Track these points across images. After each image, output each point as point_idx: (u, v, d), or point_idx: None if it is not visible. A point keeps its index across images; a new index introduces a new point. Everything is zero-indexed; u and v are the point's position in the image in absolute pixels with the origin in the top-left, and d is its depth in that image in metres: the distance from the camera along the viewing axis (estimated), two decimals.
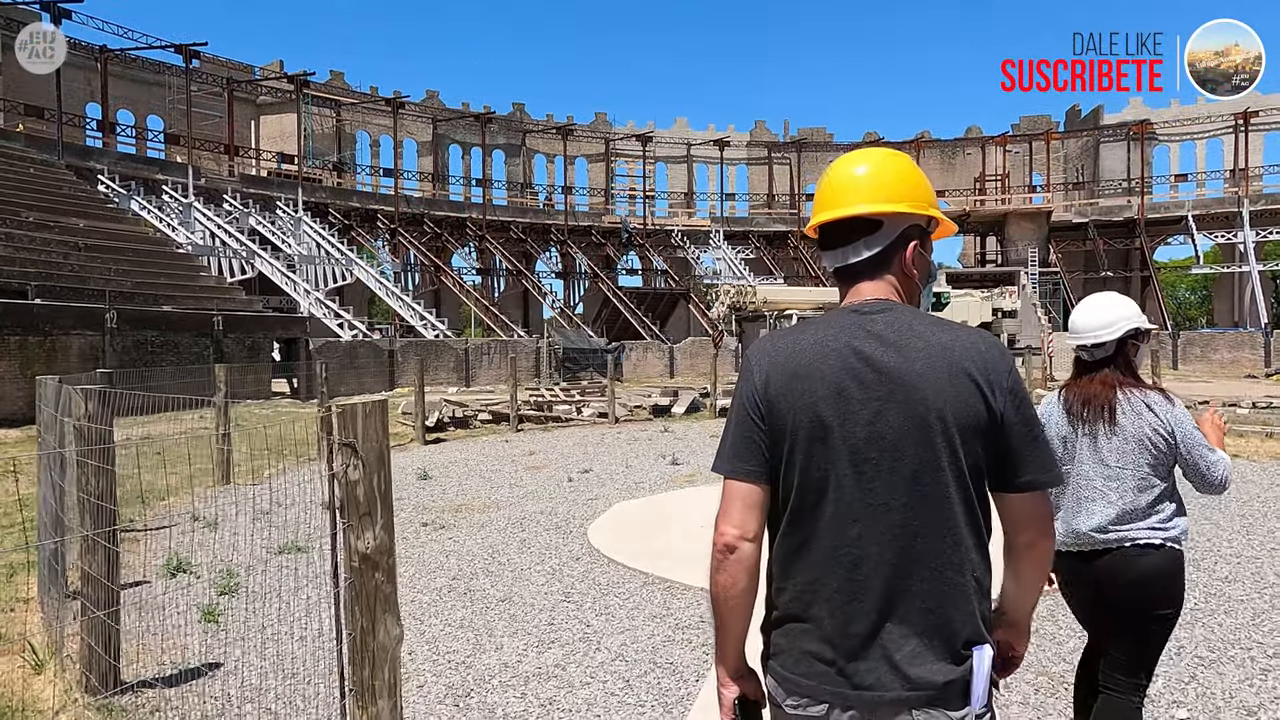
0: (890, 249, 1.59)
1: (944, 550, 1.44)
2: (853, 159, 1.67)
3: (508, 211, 51.71)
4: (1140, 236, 47.93)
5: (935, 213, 1.64)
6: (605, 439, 14.35)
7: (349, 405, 2.24)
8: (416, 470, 10.72)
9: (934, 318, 1.58)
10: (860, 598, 1.45)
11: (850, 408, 1.46)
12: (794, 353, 1.53)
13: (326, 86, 49.07)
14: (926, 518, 1.44)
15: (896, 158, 1.66)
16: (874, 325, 1.52)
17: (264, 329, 26.36)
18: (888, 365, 1.47)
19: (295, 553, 6.64)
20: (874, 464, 1.45)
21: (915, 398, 1.44)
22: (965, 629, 1.45)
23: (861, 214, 1.59)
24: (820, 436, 1.47)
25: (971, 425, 1.44)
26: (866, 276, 1.60)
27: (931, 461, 1.44)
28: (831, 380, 1.48)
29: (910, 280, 1.61)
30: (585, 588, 5.66)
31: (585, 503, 8.70)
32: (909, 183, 1.61)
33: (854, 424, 1.46)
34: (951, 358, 1.46)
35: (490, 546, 6.90)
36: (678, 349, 39.10)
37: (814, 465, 1.48)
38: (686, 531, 7.02)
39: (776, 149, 57.98)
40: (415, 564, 6.34)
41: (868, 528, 1.45)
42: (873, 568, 1.44)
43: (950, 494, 1.44)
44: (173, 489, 9.62)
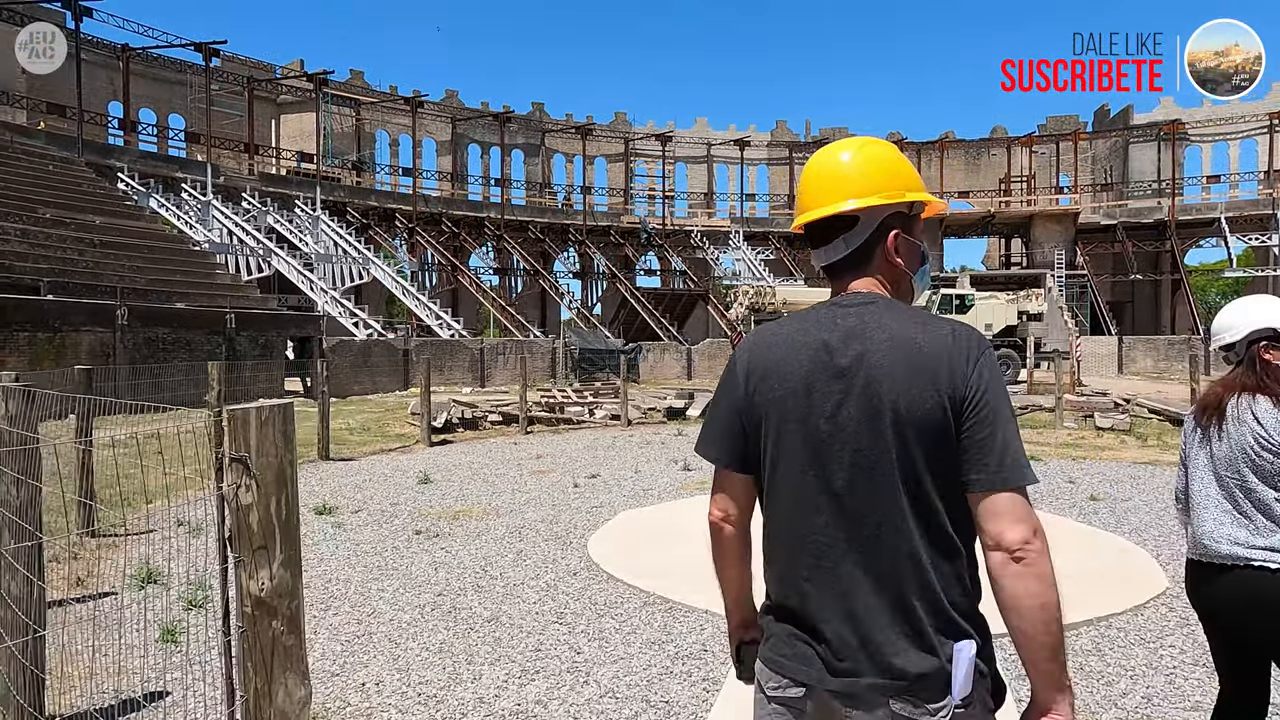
0: (870, 242, 1.59)
1: (901, 543, 1.45)
2: (824, 155, 1.66)
3: (526, 211, 51.44)
4: (1171, 239, 46.80)
5: (916, 196, 1.61)
6: (616, 442, 13.91)
7: (241, 409, 1.80)
8: (418, 473, 10.33)
9: (914, 311, 1.56)
10: (830, 585, 1.48)
11: (815, 400, 1.50)
12: (771, 346, 1.58)
13: (346, 86, 49.06)
14: (886, 509, 1.45)
15: (867, 146, 1.63)
16: (846, 319, 1.54)
17: (277, 327, 26.17)
18: (850, 358, 1.49)
19: None
20: (836, 455, 1.48)
21: (872, 390, 1.46)
22: (936, 620, 1.43)
23: (833, 214, 1.58)
24: (789, 429, 1.52)
25: (923, 419, 1.44)
26: (851, 272, 1.61)
27: (884, 454, 1.45)
28: (800, 374, 1.52)
29: (896, 269, 1.61)
30: (580, 607, 5.20)
31: (589, 511, 8.25)
32: (882, 172, 1.59)
33: (818, 416, 1.50)
34: (912, 350, 1.47)
35: (484, 558, 6.47)
36: (696, 350, 38.59)
37: (784, 456, 1.53)
38: (693, 545, 6.54)
39: (798, 149, 57.29)
40: (401, 577, 5.92)
41: (833, 517, 1.48)
42: (839, 556, 1.48)
43: (898, 487, 1.45)
44: (163, 491, 9.27)
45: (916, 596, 1.43)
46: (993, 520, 1.41)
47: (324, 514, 8.09)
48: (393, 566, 6.22)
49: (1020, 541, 1.38)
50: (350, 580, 5.84)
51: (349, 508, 8.46)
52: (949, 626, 1.43)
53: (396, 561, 6.38)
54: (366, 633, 4.77)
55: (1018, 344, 31.43)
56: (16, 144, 31.19)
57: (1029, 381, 25.81)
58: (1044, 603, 1.38)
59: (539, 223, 50.72)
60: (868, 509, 1.46)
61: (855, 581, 1.46)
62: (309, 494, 9.17)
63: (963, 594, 1.47)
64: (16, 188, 26.35)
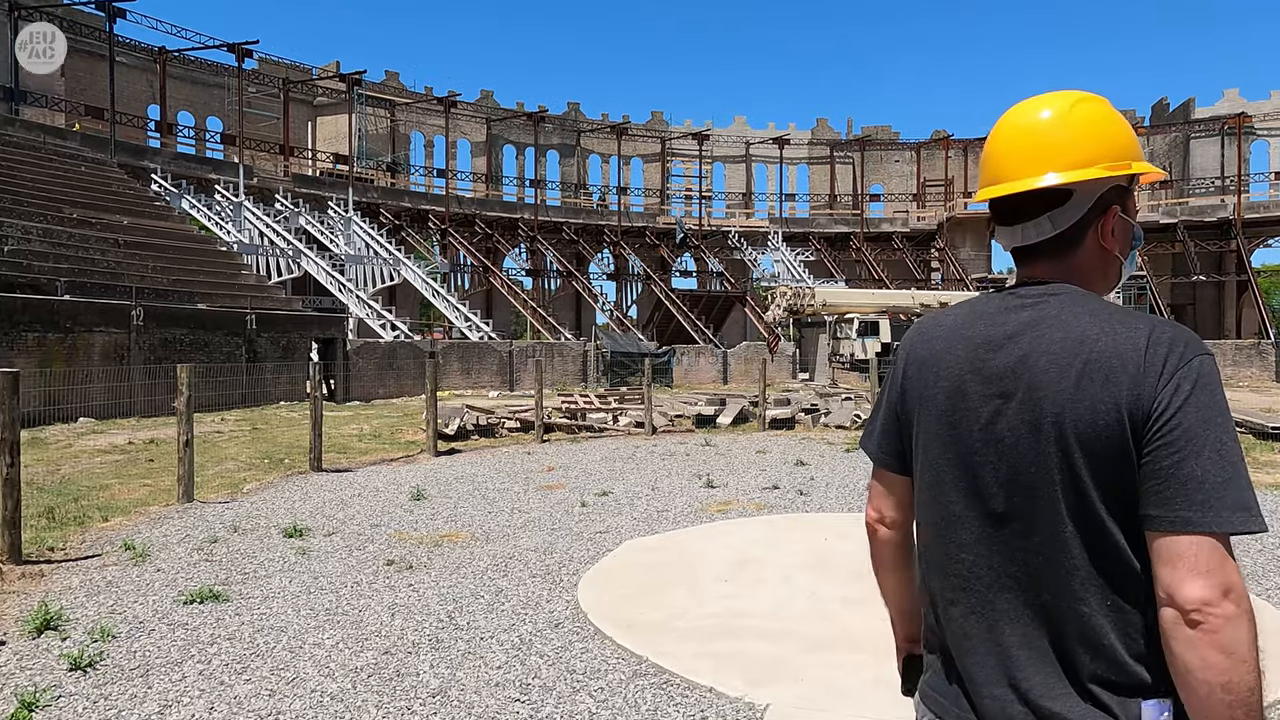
0: (1083, 222, 1.36)
1: (1064, 577, 1.24)
2: (1025, 113, 1.40)
3: (560, 212, 50.67)
4: (1237, 238, 44.32)
5: (1140, 166, 1.37)
6: (637, 452, 12.82)
7: None
8: (411, 489, 9.36)
9: (1105, 307, 1.30)
10: (978, 614, 1.32)
11: (968, 405, 1.34)
12: (933, 335, 1.45)
13: (381, 87, 48.81)
14: (1047, 538, 1.26)
15: (1083, 103, 1.38)
16: (1019, 312, 1.35)
17: (300, 328, 25.59)
18: (1012, 360, 1.31)
19: (208, 602, 5.28)
20: (990, 470, 1.31)
21: (1033, 399, 1.27)
22: (1108, 670, 1.21)
23: (1045, 187, 1.34)
24: (938, 433, 1.38)
25: (1093, 437, 1.21)
26: (1050, 257, 1.39)
27: (1047, 475, 1.25)
28: (954, 372, 1.38)
29: (1107, 255, 1.39)
30: (552, 678, 4.13)
31: (591, 538, 7.18)
32: (1104, 135, 1.36)
33: (971, 423, 1.34)
34: (1087, 354, 1.24)
35: (455, 599, 5.43)
36: (732, 354, 37.35)
37: (931, 463, 1.40)
38: (704, 588, 5.44)
39: (839, 148, 55.75)
40: (349, 626, 4.90)
41: (983, 539, 1.32)
42: (988, 583, 1.31)
43: (1062, 514, 1.24)
44: (129, 506, 8.43)
45: (1080, 640, 1.23)
46: (1167, 568, 1.16)
47: (293, 536, 7.14)
48: (344, 610, 5.21)
49: (1198, 601, 1.12)
50: (286, 629, 4.84)
51: (324, 529, 7.50)
52: (1126, 680, 1.21)
53: (352, 602, 5.37)
54: (273, 712, 3.74)
55: None
56: (49, 145, 31.20)
57: None
58: (1226, 682, 1.11)
59: (573, 224, 49.90)
60: (1025, 535, 1.28)
61: (1007, 614, 1.29)
62: (286, 511, 8.26)
63: (1150, 643, 1.20)
64: (45, 188, 26.20)
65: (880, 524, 1.55)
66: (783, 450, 12.96)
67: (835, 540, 6.63)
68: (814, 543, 6.58)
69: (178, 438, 8.66)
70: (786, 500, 8.85)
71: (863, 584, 5.80)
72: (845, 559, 6.05)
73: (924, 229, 52.03)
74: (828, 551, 6.31)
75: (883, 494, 1.54)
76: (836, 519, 7.77)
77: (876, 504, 1.56)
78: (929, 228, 51.73)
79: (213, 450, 13.39)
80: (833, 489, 9.53)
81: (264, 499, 8.96)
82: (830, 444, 13.79)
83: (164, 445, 13.91)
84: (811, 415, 17.11)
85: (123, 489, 9.68)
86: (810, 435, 15.21)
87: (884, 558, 1.58)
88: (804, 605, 4.98)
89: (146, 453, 12.83)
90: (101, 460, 12.41)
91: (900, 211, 54.14)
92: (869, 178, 55.54)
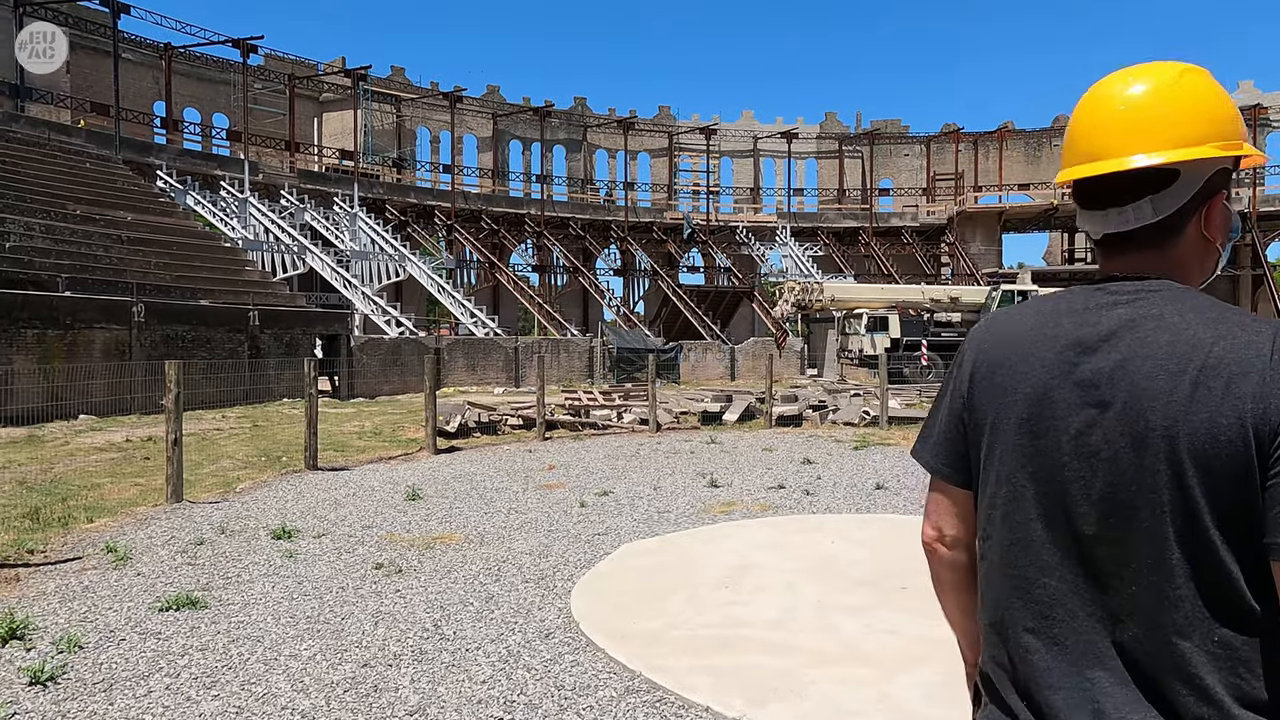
0: (1187, 208, 1.21)
1: (1169, 610, 1.10)
2: (1125, 80, 1.24)
3: (567, 208, 50.42)
4: (1252, 231, 43.73)
5: (1248, 148, 1.22)
6: (641, 450, 12.57)
7: None
8: (407, 488, 9.13)
9: (1206, 301, 1.17)
10: (1060, 649, 1.17)
11: (1056, 413, 1.19)
12: (1007, 337, 1.29)
13: (387, 82, 48.65)
14: (1148, 564, 1.12)
15: (1188, 74, 1.22)
16: (1113, 309, 1.20)
17: (303, 325, 25.42)
18: (1109, 365, 1.16)
19: (184, 609, 5.05)
20: (1081, 487, 1.16)
21: (1136, 411, 1.13)
22: (1200, 710, 1.08)
23: (1151, 166, 1.19)
24: (1017, 444, 1.23)
25: (1213, 453, 1.07)
26: (1146, 246, 1.23)
27: (1151, 495, 1.11)
28: (1038, 378, 1.22)
29: (1208, 246, 1.24)
30: (539, 693, 3.88)
31: (589, 540, 6.93)
32: (1215, 110, 1.21)
33: (1059, 434, 1.19)
34: (1202, 359, 1.10)
35: (443, 606, 5.19)
36: (739, 350, 37.04)
37: (1007, 477, 1.24)
38: (704, 595, 5.18)
39: (848, 141, 55.31)
40: (328, 636, 4.67)
41: (1070, 564, 1.18)
42: (1074, 613, 1.17)
43: (1168, 538, 1.10)
44: (117, 506, 8.22)
45: (1181, 680, 1.10)
46: None
47: (282, 538, 6.92)
48: (326, 618, 4.98)
49: None
50: (263, 639, 4.60)
51: (314, 530, 7.27)
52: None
53: (335, 609, 5.14)
54: None
55: None
56: (54, 141, 31.13)
57: None
58: None
59: (580, 219, 49.66)
60: (1120, 561, 1.15)
61: (1095, 648, 1.15)
62: (277, 512, 8.04)
63: (1270, 688, 1.08)
64: (49, 184, 26.10)
65: (940, 543, 1.40)
66: (789, 448, 12.69)
67: (841, 544, 6.36)
68: (820, 547, 6.31)
69: (166, 436, 8.45)
70: (792, 501, 8.58)
71: (870, 592, 5.58)
72: (851, 565, 5.78)
73: (934, 223, 51.57)
74: (834, 556, 6.04)
75: (944, 509, 1.39)
76: (843, 521, 7.50)
77: (936, 520, 1.40)
78: (939, 222, 51.26)
79: (210, 448, 13.21)
80: (840, 488, 9.25)
81: (255, 499, 8.75)
82: (838, 441, 13.51)
83: (162, 443, 13.71)
84: (819, 412, 16.82)
85: (114, 488, 9.49)
86: (818, 433, 14.92)
87: (946, 580, 1.43)
88: (808, 615, 4.72)
89: (143, 450, 12.64)
90: (97, 458, 12.23)
91: (910, 206, 53.68)
92: (878, 172, 55.08)
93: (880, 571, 5.59)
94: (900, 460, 11.33)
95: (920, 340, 29.47)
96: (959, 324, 31.44)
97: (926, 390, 24.78)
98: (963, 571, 1.40)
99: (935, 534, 1.41)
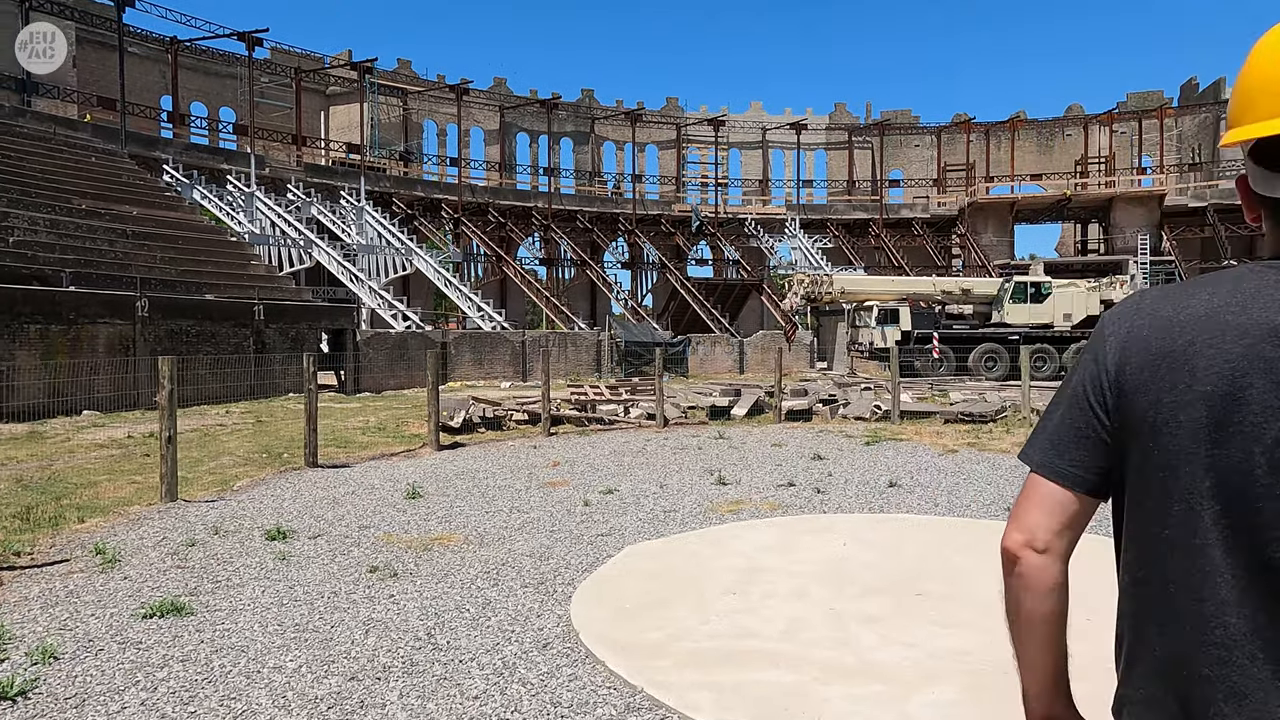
0: None
1: None
2: None
3: (574, 200, 50.15)
4: None
5: None
6: (648, 446, 12.34)
7: None
8: (408, 486, 8.92)
9: None
10: (1246, 701, 1.00)
11: (1248, 418, 1.02)
12: (1171, 324, 1.10)
13: (394, 75, 48.45)
14: None
15: None
16: None
17: (309, 319, 25.28)
18: None
19: (169, 616, 4.85)
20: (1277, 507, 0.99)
21: None
22: None
23: None
24: (1191, 453, 1.05)
25: None
26: None
27: None
28: (1224, 373, 1.04)
29: None
30: (533, 711, 3.65)
31: (592, 541, 6.70)
32: None
33: (1250, 443, 1.01)
34: None
35: (438, 613, 4.98)
36: (748, 343, 36.74)
37: (1180, 494, 1.06)
38: (710, 602, 4.94)
39: (858, 132, 54.81)
40: (315, 646, 4.45)
41: (1260, 600, 1.01)
42: (1254, 656, 1.00)
43: None
44: (110, 506, 8.04)
45: None
46: None
47: (276, 539, 6.72)
48: (315, 625, 4.77)
49: None
50: (248, 648, 4.39)
51: (310, 531, 7.07)
52: None
53: (326, 616, 4.93)
54: None
55: None
56: (59, 136, 31.03)
57: None
58: None
59: (588, 212, 49.38)
60: None
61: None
62: (273, 511, 7.84)
63: None
64: (54, 179, 25.99)
65: (1028, 548, 1.16)
66: (799, 443, 12.44)
67: (854, 546, 6.11)
68: (832, 549, 6.06)
69: (160, 434, 8.27)
70: (803, 499, 8.33)
71: (884, 598, 5.28)
72: (865, 568, 5.54)
73: (945, 215, 51.06)
74: (846, 559, 5.79)
75: (1049, 511, 1.17)
76: (855, 521, 7.25)
77: (1032, 523, 1.17)
78: (950, 213, 50.75)
79: (212, 444, 13.05)
80: (852, 486, 9.00)
81: (252, 497, 8.56)
82: (849, 436, 13.24)
83: (136, 444, 13.58)
84: (829, 406, 16.55)
85: (110, 486, 9.32)
86: (828, 427, 14.66)
87: (1030, 603, 1.17)
88: (819, 624, 4.47)
89: (144, 447, 12.49)
90: (97, 455, 12.08)
91: (920, 197, 53.18)
92: (888, 163, 54.58)
93: (895, 576, 5.35)
94: (913, 456, 11.07)
95: (932, 333, 29.12)
96: (971, 316, 31.07)
97: (938, 384, 24.45)
98: (1053, 593, 1.18)
99: (1024, 539, 1.17)
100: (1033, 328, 28.47)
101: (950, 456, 11.05)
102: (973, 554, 5.81)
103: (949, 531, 6.68)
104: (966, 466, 10.16)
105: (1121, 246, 44.96)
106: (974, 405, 15.97)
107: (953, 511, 7.67)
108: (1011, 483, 9.04)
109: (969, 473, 9.73)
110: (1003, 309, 29.49)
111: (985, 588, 5.24)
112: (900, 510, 7.77)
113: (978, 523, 7.11)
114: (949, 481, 9.17)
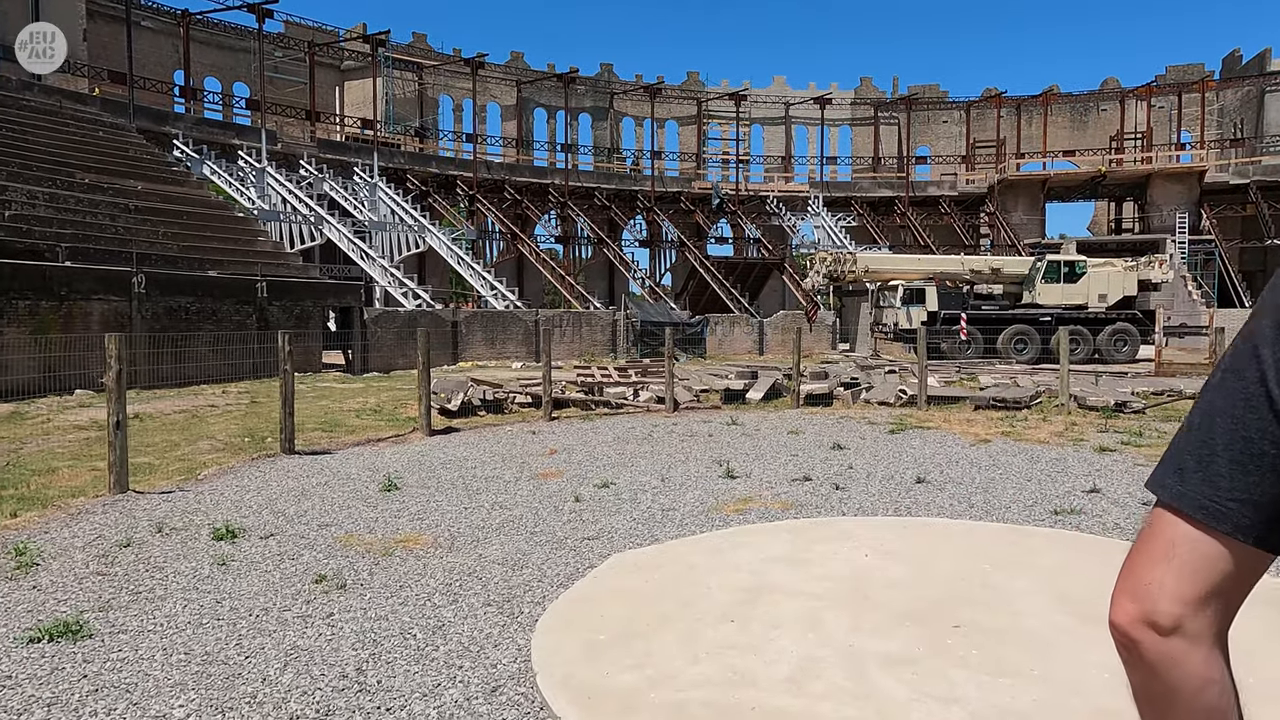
0: None
1: None
2: None
3: (592, 178, 49.10)
4: None
5: None
6: (654, 433, 11.49)
7: None
8: (386, 477, 8.14)
9: None
10: None
11: None
12: None
13: (409, 49, 47.53)
14: None
15: None
16: None
17: (315, 296, 24.62)
18: None
19: (60, 639, 4.07)
20: None
21: None
22: None
23: None
24: None
25: None
26: None
27: None
28: None
29: None
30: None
31: (575, 546, 5.87)
32: None
33: None
34: None
35: (376, 640, 4.17)
36: (768, 323, 35.72)
37: None
38: (702, 631, 4.08)
39: (884, 108, 53.19)
40: (216, 685, 3.66)
41: None
42: None
43: None
44: (56, 496, 7.33)
45: None
46: None
47: (224, 539, 5.96)
48: (227, 655, 3.97)
49: None
50: (134, 688, 3.61)
51: (264, 529, 6.30)
52: None
53: (244, 642, 4.14)
54: None
55: (1137, 317, 27.54)
56: (67, 109, 30.50)
57: (1156, 361, 22.16)
58: None
59: (606, 189, 48.34)
60: None
61: None
62: (232, 505, 7.09)
63: None
64: (58, 152, 25.44)
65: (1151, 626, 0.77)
66: (818, 431, 11.53)
67: (878, 558, 5.23)
68: (852, 561, 5.19)
69: (108, 419, 7.53)
70: (819, 497, 7.45)
71: (915, 631, 3.92)
72: (890, 588, 4.66)
73: (973, 192, 49.48)
74: (868, 575, 4.92)
75: (1193, 572, 0.77)
76: (878, 526, 6.35)
77: (1154, 586, 0.78)
78: (979, 191, 49.18)
79: (196, 426, 12.38)
80: (875, 481, 8.10)
81: (214, 488, 7.82)
82: (872, 424, 12.31)
83: (147, 420, 12.95)
84: (851, 390, 15.60)
85: (69, 473, 8.64)
86: (849, 413, 13.73)
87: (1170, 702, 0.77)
88: (834, 667, 3.61)
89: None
90: (74, 437, 11.43)
91: (948, 174, 51.57)
92: (915, 139, 52.94)
93: (926, 599, 4.47)
94: (943, 447, 10.14)
95: (959, 314, 27.95)
96: (1000, 296, 29.83)
97: (966, 367, 23.37)
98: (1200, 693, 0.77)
99: (1140, 612, 0.77)
100: (1066, 309, 27.22)
101: (983, 447, 10.10)
102: (1019, 571, 4.91)
103: (988, 540, 5.77)
104: (1002, 460, 9.21)
105: (1158, 225, 43.29)
106: (1006, 390, 14.96)
107: (990, 514, 6.75)
108: (1055, 480, 8.08)
109: (1005, 467, 8.79)
110: (1034, 289, 28.23)
111: (1039, 619, 4.32)
112: (929, 511, 6.87)
113: (1020, 529, 6.19)
114: (983, 477, 8.24)
